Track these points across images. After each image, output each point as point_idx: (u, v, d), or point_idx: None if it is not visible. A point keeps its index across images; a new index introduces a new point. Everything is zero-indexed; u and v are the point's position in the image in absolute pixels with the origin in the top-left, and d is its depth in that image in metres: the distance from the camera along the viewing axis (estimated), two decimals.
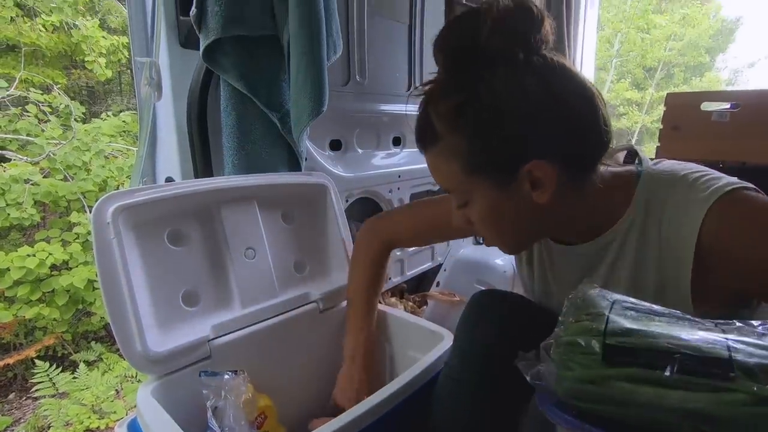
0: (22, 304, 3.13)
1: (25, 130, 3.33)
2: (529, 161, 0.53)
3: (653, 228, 0.58)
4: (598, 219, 0.62)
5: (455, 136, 0.55)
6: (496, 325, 0.72)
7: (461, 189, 0.60)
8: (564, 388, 0.38)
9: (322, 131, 1.22)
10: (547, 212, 0.58)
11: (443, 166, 0.59)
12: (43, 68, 4.24)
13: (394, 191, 1.39)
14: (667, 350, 0.35)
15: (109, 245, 0.66)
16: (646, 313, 0.41)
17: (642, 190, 0.59)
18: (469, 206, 0.61)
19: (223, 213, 0.82)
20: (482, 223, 0.61)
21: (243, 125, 0.87)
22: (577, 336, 0.40)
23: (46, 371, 2.88)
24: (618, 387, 0.36)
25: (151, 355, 0.66)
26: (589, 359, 0.38)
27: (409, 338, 0.91)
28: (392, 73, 1.46)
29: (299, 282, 0.94)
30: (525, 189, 0.56)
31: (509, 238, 0.64)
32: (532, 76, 0.52)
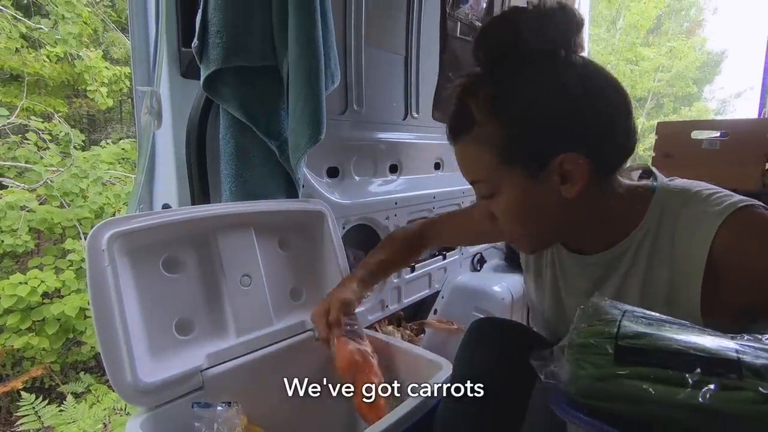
0: (11, 333, 3.06)
1: (24, 157, 3.35)
2: (561, 153, 0.54)
3: (666, 240, 0.58)
4: (613, 227, 0.63)
5: (492, 124, 0.56)
6: (495, 353, 0.71)
7: (491, 179, 0.59)
8: (577, 386, 0.40)
9: (319, 158, 1.23)
10: (571, 210, 0.59)
11: (475, 154, 0.59)
12: (45, 97, 4.31)
13: (391, 218, 1.40)
14: (678, 351, 0.37)
15: (103, 272, 0.65)
16: (657, 321, 0.43)
17: (656, 203, 0.60)
18: (495, 198, 0.60)
19: (219, 240, 0.81)
20: (507, 216, 0.61)
21: (241, 153, 0.88)
22: (590, 338, 0.41)
23: (31, 404, 2.78)
24: (629, 385, 0.37)
25: (141, 385, 0.65)
26: (601, 359, 0.39)
27: (407, 368, 0.89)
28: (389, 103, 1.49)
29: (295, 310, 0.92)
30: (554, 182, 0.56)
31: (531, 233, 0.63)
32: (572, 72, 0.55)
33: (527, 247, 0.67)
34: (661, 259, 0.59)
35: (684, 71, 10.54)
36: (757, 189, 1.44)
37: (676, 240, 0.57)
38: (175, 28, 0.92)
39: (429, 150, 1.66)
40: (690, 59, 10.59)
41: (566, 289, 0.73)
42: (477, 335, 0.75)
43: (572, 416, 0.40)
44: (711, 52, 11.55)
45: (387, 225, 1.38)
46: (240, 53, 0.85)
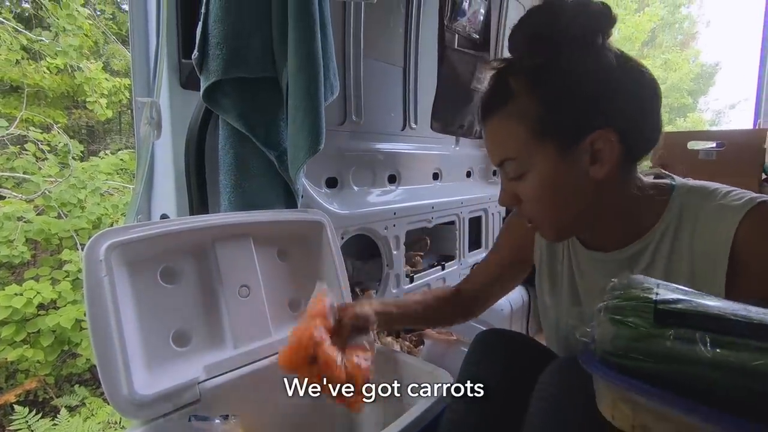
0: (5, 345, 3.02)
1: (22, 168, 3.34)
2: (594, 130, 0.56)
3: (686, 236, 0.59)
4: (634, 221, 0.63)
5: (528, 97, 0.57)
6: (500, 365, 0.71)
7: (521, 155, 0.59)
8: (615, 345, 0.40)
9: (318, 169, 1.24)
10: (597, 194, 0.60)
11: (508, 129, 0.60)
12: (45, 108, 4.32)
13: (390, 228, 1.40)
14: (717, 315, 0.37)
15: (100, 283, 0.64)
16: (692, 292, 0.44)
17: (676, 199, 0.61)
18: (523, 178, 0.60)
19: (217, 250, 0.81)
20: (535, 195, 0.61)
21: (240, 163, 0.88)
22: (629, 301, 0.42)
23: (24, 417, 2.74)
24: (669, 344, 0.37)
25: (137, 398, 0.64)
26: (641, 320, 0.40)
27: (406, 379, 0.88)
28: (387, 113, 1.50)
29: (294, 320, 0.91)
30: (584, 161, 0.57)
31: (558, 215, 0.62)
32: (610, 55, 0.56)
33: (552, 232, 0.66)
34: (681, 254, 0.60)
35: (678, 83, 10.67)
36: None
37: (698, 234, 0.58)
38: (175, 40, 0.93)
39: (427, 160, 1.67)
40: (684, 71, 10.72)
41: (584, 288, 0.72)
42: (482, 347, 0.74)
43: (605, 373, 0.40)
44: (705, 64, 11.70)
45: (386, 235, 1.38)
46: (240, 64, 0.86)
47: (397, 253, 1.43)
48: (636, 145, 0.59)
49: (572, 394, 0.55)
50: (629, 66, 0.57)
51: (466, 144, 1.83)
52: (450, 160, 1.77)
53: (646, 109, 0.58)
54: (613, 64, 0.56)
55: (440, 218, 1.64)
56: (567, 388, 0.56)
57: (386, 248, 1.39)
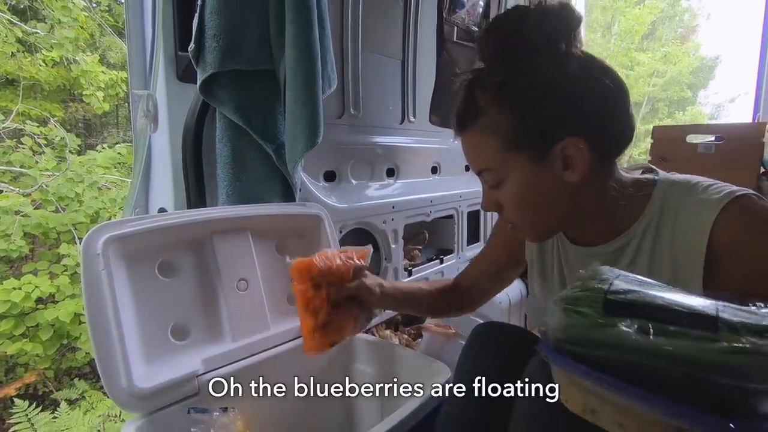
0: (4, 339, 3.02)
1: (19, 161, 3.33)
2: (564, 138, 0.57)
3: (668, 228, 0.60)
4: (617, 217, 0.64)
5: (497, 111, 0.59)
6: (499, 358, 0.71)
7: (497, 166, 0.61)
8: (567, 333, 0.42)
9: (316, 162, 1.23)
10: (574, 196, 0.61)
11: (482, 142, 0.61)
12: (41, 101, 4.29)
13: (388, 222, 1.39)
14: (662, 306, 0.40)
15: (98, 277, 0.64)
16: (647, 283, 0.46)
17: (658, 194, 0.62)
18: (501, 186, 0.62)
19: (215, 244, 0.81)
20: (513, 203, 0.63)
21: (238, 156, 0.88)
22: (583, 292, 0.44)
23: (24, 411, 2.75)
24: (613, 332, 0.40)
25: (136, 391, 0.64)
26: (591, 310, 0.42)
27: (404, 371, 0.88)
28: (385, 107, 1.49)
29: (293, 314, 0.91)
30: (557, 167, 0.59)
31: (538, 220, 0.65)
32: (573, 61, 0.57)
33: (533, 234, 0.68)
34: (663, 247, 0.61)
35: (678, 76, 10.63)
36: None
37: (678, 228, 0.59)
38: (171, 32, 0.92)
39: (426, 154, 1.66)
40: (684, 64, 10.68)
41: (573, 282, 0.73)
42: (479, 339, 0.74)
43: (557, 359, 0.43)
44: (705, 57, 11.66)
45: (384, 229, 1.38)
46: (237, 57, 0.85)
47: (396, 246, 1.43)
48: (607, 148, 0.61)
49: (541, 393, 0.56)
50: (593, 71, 0.58)
51: None
52: (449, 154, 1.77)
53: (613, 112, 0.59)
54: (576, 72, 0.57)
55: (439, 212, 1.64)
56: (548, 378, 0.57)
57: (384, 242, 1.39)
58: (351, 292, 0.76)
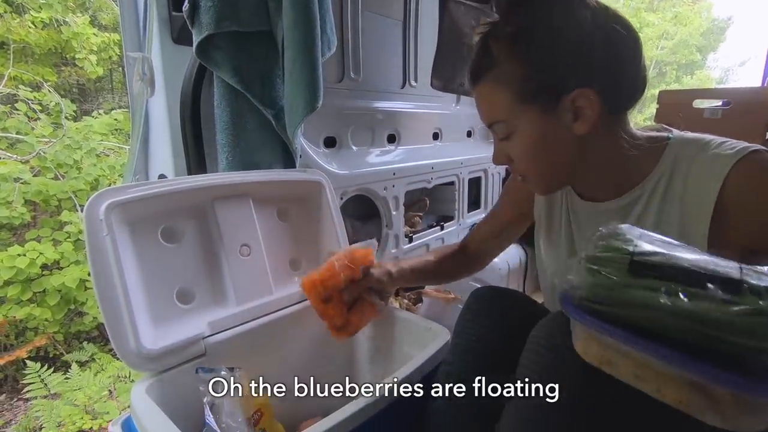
0: (12, 304, 3.08)
1: (15, 128, 3.28)
2: (573, 90, 0.57)
3: (679, 183, 0.61)
4: (627, 172, 0.65)
5: (511, 62, 0.59)
6: (497, 321, 0.73)
7: (508, 118, 0.62)
8: (592, 292, 0.43)
9: (316, 128, 1.22)
10: (584, 147, 0.62)
11: (494, 94, 0.62)
12: (33, 65, 4.18)
13: (389, 188, 1.39)
14: (687, 269, 0.40)
15: (102, 242, 0.65)
16: (671, 244, 0.46)
17: (671, 150, 0.62)
18: (512, 138, 0.63)
19: (217, 210, 0.81)
20: (524, 154, 0.64)
21: (237, 122, 0.87)
22: (607, 252, 0.45)
23: (37, 372, 2.84)
24: (638, 293, 0.41)
25: (145, 352, 0.66)
26: (616, 270, 0.43)
27: (405, 335, 0.91)
28: (386, 70, 1.46)
29: (295, 279, 0.93)
30: (567, 118, 0.59)
31: (546, 172, 0.66)
32: (585, 10, 0.57)
33: (542, 185, 0.69)
34: (672, 203, 0.61)
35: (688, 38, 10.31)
36: None
37: (690, 182, 0.60)
38: None
39: (427, 120, 1.64)
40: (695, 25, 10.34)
41: (580, 238, 0.74)
42: (478, 304, 0.76)
43: (578, 315, 0.44)
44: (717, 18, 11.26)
45: (385, 196, 1.38)
46: (233, 17, 0.82)
47: (397, 213, 1.43)
48: (617, 100, 0.61)
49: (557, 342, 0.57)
50: (606, 22, 0.57)
51: (467, 103, 1.79)
52: (450, 120, 1.74)
53: (624, 64, 0.59)
54: (589, 21, 0.56)
55: (440, 179, 1.63)
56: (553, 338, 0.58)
57: (385, 209, 1.40)
58: (362, 292, 0.82)
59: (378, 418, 0.64)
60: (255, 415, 0.77)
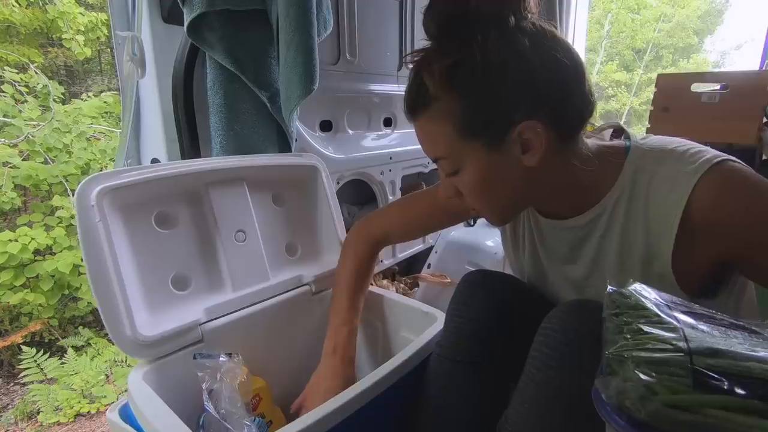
0: (5, 290, 3.06)
1: (2, 110, 3.20)
2: (519, 122, 0.54)
3: (640, 200, 0.59)
4: (585, 191, 0.63)
5: (448, 98, 0.55)
6: (488, 303, 0.73)
7: (452, 155, 0.59)
8: (649, 410, 0.35)
9: (312, 111, 1.20)
10: (536, 178, 0.59)
11: (435, 131, 0.58)
12: (18, 46, 4.06)
13: (386, 173, 1.38)
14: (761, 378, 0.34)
15: (95, 228, 0.64)
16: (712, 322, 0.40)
17: (630, 164, 0.60)
18: (458, 174, 0.60)
19: (211, 195, 0.80)
20: (472, 190, 0.61)
21: (231, 104, 0.85)
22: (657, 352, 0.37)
23: (33, 357, 2.84)
24: (713, 415, 0.34)
25: (141, 339, 0.65)
26: (678, 383, 0.35)
27: (401, 319, 0.91)
28: (383, 52, 1.43)
29: (291, 265, 0.93)
30: (515, 152, 0.56)
31: (498, 205, 0.64)
32: (523, 38, 0.54)
33: (496, 218, 0.67)
34: (636, 219, 0.60)
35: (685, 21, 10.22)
36: (753, 143, 1.43)
37: (651, 200, 0.58)
38: None
39: None
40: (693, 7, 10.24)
41: (545, 254, 0.74)
42: (470, 287, 0.76)
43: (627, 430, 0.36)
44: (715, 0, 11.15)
45: (382, 180, 1.36)
46: None
47: (393, 198, 1.43)
48: (566, 126, 0.58)
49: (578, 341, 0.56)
50: (547, 46, 0.54)
51: None
52: None
53: (569, 88, 0.56)
54: (528, 49, 0.53)
55: None
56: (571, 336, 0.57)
57: (382, 193, 1.39)
58: None
59: (376, 401, 0.64)
60: (253, 400, 0.77)
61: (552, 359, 0.58)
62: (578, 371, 0.55)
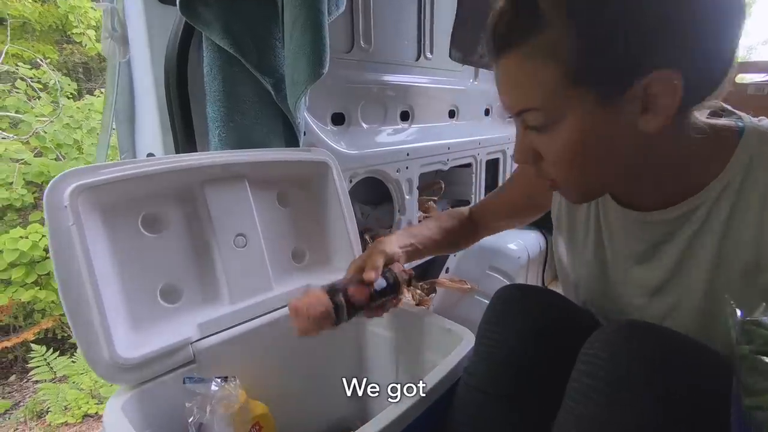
0: (17, 286, 3.05)
1: (14, 106, 3.19)
2: (651, 71, 0.42)
3: (754, 195, 0.47)
4: (688, 177, 0.51)
5: (562, 27, 0.42)
6: (527, 324, 0.62)
7: (549, 105, 0.46)
8: None
9: (323, 103, 1.10)
10: (644, 150, 0.48)
11: (534, 70, 0.45)
12: (33, 42, 4.06)
13: (402, 170, 1.27)
14: None
15: (67, 233, 0.54)
16: None
17: (745, 149, 0.48)
18: (549, 130, 0.48)
19: (207, 194, 0.70)
20: (563, 155, 0.48)
21: (230, 92, 0.75)
22: None
23: (42, 355, 2.82)
24: None
25: (120, 361, 0.56)
26: None
27: (422, 337, 0.80)
28: (400, 41, 1.32)
29: (298, 273, 0.83)
30: (632, 111, 0.44)
31: (589, 179, 0.51)
32: None
33: (577, 194, 0.55)
34: (746, 218, 0.48)
35: None
36: None
37: None
38: None
39: (443, 96, 1.51)
40: None
41: (613, 253, 0.62)
42: (505, 305, 0.65)
43: None
44: None
45: (398, 178, 1.26)
46: None
47: (410, 197, 1.32)
48: (700, 86, 0.45)
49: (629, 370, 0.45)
50: None
51: (486, 78, 1.65)
52: (468, 96, 1.61)
53: (721, 33, 0.43)
54: None
55: (456, 160, 1.51)
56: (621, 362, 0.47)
57: (398, 192, 1.28)
58: None
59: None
60: (253, 429, 0.68)
61: (595, 391, 0.47)
62: (629, 408, 0.44)
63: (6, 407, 2.83)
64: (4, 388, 3.09)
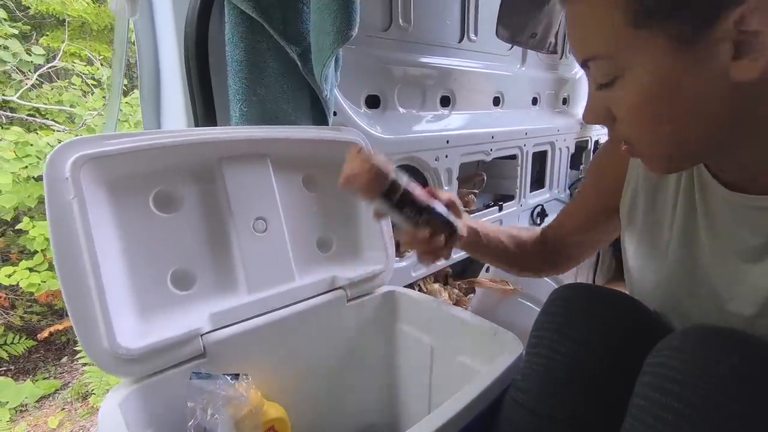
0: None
1: (69, 101, 3.36)
2: (742, 4, 0.32)
3: None
4: None
5: None
6: (590, 333, 0.51)
7: (617, 50, 0.39)
8: None
9: (357, 84, 1.02)
10: (741, 105, 0.37)
11: (603, 11, 0.38)
12: (90, 42, 4.28)
13: (441, 159, 1.18)
14: None
15: (67, 207, 0.49)
16: None
17: None
18: (619, 83, 0.40)
19: (226, 172, 0.64)
20: (632, 110, 0.40)
21: (253, 62, 0.69)
22: None
23: None
24: None
25: (121, 352, 0.50)
26: None
27: (460, 339, 0.70)
28: (442, 20, 1.23)
29: (323, 263, 0.76)
30: (721, 55, 0.35)
31: (672, 140, 0.41)
32: None
33: (660, 162, 0.45)
34: None
35: None
36: None
37: None
38: None
39: (488, 81, 1.40)
40: None
41: (712, 247, 0.49)
42: (565, 307, 0.54)
43: None
44: None
45: (436, 167, 1.17)
46: None
47: (449, 188, 1.22)
48: None
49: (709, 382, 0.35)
50: None
51: (534, 64, 1.52)
52: (514, 83, 1.49)
53: None
54: None
55: (500, 150, 1.39)
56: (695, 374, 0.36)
57: (436, 182, 1.19)
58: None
59: None
60: None
61: (665, 409, 0.37)
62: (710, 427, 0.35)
63: (56, 387, 2.97)
64: (56, 368, 3.25)
